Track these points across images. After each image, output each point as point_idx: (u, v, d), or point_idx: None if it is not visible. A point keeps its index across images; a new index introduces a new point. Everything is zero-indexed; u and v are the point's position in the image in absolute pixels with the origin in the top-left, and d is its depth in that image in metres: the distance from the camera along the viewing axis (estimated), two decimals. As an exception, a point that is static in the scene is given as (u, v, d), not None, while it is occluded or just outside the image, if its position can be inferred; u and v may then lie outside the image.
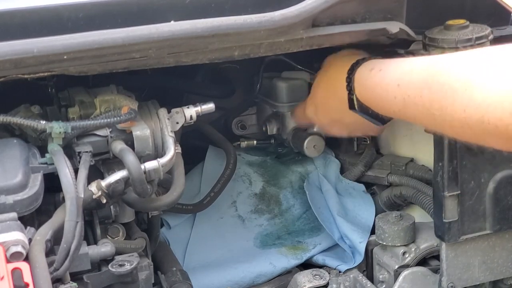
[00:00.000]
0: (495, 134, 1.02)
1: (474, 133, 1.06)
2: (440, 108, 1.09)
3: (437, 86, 1.10)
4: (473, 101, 1.03)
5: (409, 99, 1.16)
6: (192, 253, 1.69)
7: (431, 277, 1.51)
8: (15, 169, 1.16)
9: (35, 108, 1.35)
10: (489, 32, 1.37)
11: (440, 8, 1.45)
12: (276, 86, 1.74)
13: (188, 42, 1.19)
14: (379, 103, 1.30)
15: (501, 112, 1.00)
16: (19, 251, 1.06)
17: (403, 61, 1.24)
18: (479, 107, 1.02)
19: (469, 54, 1.11)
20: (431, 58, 1.18)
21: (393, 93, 1.21)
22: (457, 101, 1.06)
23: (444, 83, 1.08)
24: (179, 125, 1.38)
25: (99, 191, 1.22)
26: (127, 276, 1.24)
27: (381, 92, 1.26)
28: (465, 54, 1.12)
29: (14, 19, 1.16)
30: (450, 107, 1.07)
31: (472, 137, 1.08)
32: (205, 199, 1.70)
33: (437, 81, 1.10)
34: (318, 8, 1.25)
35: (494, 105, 1.00)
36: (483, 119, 1.02)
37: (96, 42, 1.13)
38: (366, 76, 1.32)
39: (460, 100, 1.05)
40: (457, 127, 1.08)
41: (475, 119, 1.03)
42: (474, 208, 1.43)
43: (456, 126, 1.08)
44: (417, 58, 1.22)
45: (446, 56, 1.14)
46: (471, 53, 1.11)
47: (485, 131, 1.03)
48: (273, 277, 1.66)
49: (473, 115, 1.03)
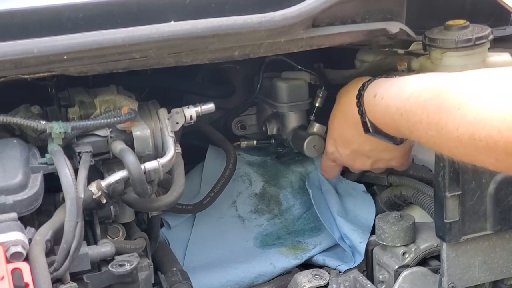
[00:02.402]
0: (485, 152, 1.05)
1: (467, 151, 1.09)
2: (437, 130, 1.13)
3: (433, 108, 1.13)
4: (465, 119, 1.07)
5: (413, 126, 1.21)
6: (192, 253, 1.69)
7: (431, 277, 1.51)
8: (15, 169, 1.16)
9: (35, 108, 1.35)
10: (489, 32, 1.37)
11: (440, 8, 1.45)
12: (276, 86, 1.74)
13: (189, 42, 1.19)
14: (390, 130, 1.34)
15: (490, 129, 1.02)
16: (19, 251, 1.06)
17: (402, 86, 1.27)
18: (470, 125, 1.06)
19: (462, 76, 1.14)
20: (426, 80, 1.21)
21: (398, 121, 1.25)
22: (450, 120, 1.10)
23: (440, 105, 1.12)
24: (179, 125, 1.38)
25: (99, 191, 1.22)
26: (127, 276, 1.24)
27: (388, 120, 1.30)
28: (458, 75, 1.15)
29: (14, 19, 1.16)
30: (445, 127, 1.11)
31: (465, 156, 1.12)
32: (205, 199, 1.69)
33: (433, 104, 1.14)
34: (318, 8, 1.25)
35: (484, 122, 1.03)
36: (474, 136, 1.05)
37: (96, 42, 1.13)
38: (372, 102, 1.35)
39: (453, 119, 1.09)
40: (452, 146, 1.11)
41: (467, 136, 1.06)
42: (475, 208, 1.43)
43: (451, 146, 1.11)
44: (415, 80, 1.25)
45: (441, 78, 1.18)
46: (463, 74, 1.15)
47: (477, 148, 1.06)
48: (273, 277, 1.66)
49: (465, 132, 1.07)
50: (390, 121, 1.29)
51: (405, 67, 1.47)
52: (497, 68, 1.11)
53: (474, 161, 1.15)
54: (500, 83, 1.06)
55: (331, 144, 1.58)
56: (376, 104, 1.34)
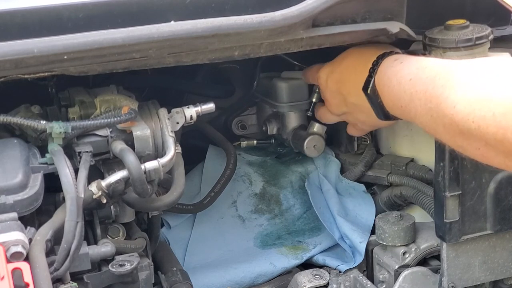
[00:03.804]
0: (476, 134, 1.07)
1: (459, 130, 1.10)
2: (436, 103, 1.15)
3: (441, 82, 1.15)
4: (464, 97, 1.09)
5: (416, 94, 1.22)
6: (192, 253, 1.69)
7: (431, 277, 1.51)
8: (15, 169, 1.16)
9: (35, 108, 1.35)
10: (489, 32, 1.37)
11: (440, 8, 1.45)
12: (276, 86, 1.74)
13: (189, 42, 1.19)
14: (390, 94, 1.34)
15: (486, 111, 1.04)
16: (19, 251, 1.06)
17: (422, 59, 1.29)
18: (468, 103, 1.08)
19: (474, 62, 1.17)
20: (444, 60, 1.23)
21: (404, 86, 1.26)
22: (451, 95, 1.11)
23: (446, 82, 1.14)
24: (179, 125, 1.38)
25: (99, 191, 1.22)
26: (127, 276, 1.24)
27: (395, 83, 1.30)
28: (471, 61, 1.17)
29: (14, 19, 1.16)
30: (444, 102, 1.13)
31: (458, 135, 1.12)
32: (205, 199, 1.69)
33: (442, 78, 1.16)
34: (318, 8, 1.25)
35: (482, 103, 1.05)
36: (468, 117, 1.07)
37: (97, 42, 1.13)
38: (389, 65, 1.36)
39: (453, 95, 1.11)
40: (447, 123, 1.13)
41: (462, 115, 1.08)
42: (475, 208, 1.43)
43: (446, 122, 1.13)
44: (435, 59, 1.27)
45: (455, 61, 1.20)
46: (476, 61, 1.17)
47: (469, 129, 1.08)
48: (273, 277, 1.66)
49: (461, 111, 1.08)
50: (396, 85, 1.30)
51: (405, 67, 1.47)
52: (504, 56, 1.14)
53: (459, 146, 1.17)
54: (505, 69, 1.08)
55: (325, 71, 1.56)
56: (391, 67, 1.35)
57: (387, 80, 1.35)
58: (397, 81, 1.30)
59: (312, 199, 1.71)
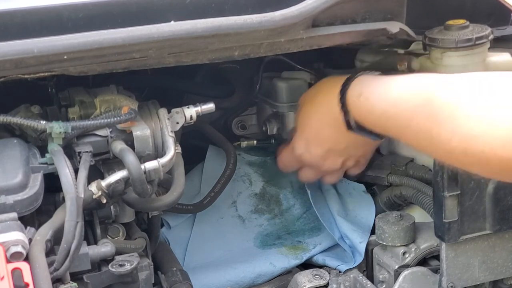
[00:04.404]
0: (478, 165, 1.07)
1: (459, 162, 1.11)
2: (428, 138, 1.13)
3: (424, 115, 1.13)
4: (457, 133, 1.07)
5: (401, 130, 1.21)
6: (192, 253, 1.69)
7: (431, 277, 1.51)
8: (15, 169, 1.16)
9: (35, 108, 1.35)
10: (489, 32, 1.37)
11: (440, 8, 1.45)
12: (276, 86, 1.74)
13: (189, 42, 1.19)
14: (375, 129, 1.33)
15: (483, 145, 1.03)
16: (19, 251, 1.06)
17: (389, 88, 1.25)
18: (463, 139, 1.06)
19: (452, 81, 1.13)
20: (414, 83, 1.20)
21: (385, 123, 1.25)
22: (443, 132, 1.09)
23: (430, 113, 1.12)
24: (179, 125, 1.38)
25: (99, 191, 1.22)
26: (127, 276, 1.24)
27: (375, 121, 1.30)
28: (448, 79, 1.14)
29: (14, 19, 1.16)
30: (436, 137, 1.11)
31: (458, 165, 1.13)
32: (205, 199, 1.69)
33: (423, 111, 1.13)
34: (318, 8, 1.25)
35: (477, 138, 1.04)
36: (466, 151, 1.06)
37: (97, 42, 1.13)
38: (356, 102, 1.35)
39: (445, 131, 1.09)
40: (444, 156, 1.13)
41: (460, 150, 1.07)
42: (474, 208, 1.43)
43: (443, 155, 1.13)
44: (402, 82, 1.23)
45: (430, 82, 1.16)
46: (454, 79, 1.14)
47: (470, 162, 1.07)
48: (273, 277, 1.66)
49: (457, 146, 1.07)
50: (376, 122, 1.29)
51: (405, 67, 1.47)
52: (490, 72, 1.11)
53: (466, 170, 1.16)
54: (494, 91, 1.05)
55: (301, 145, 1.56)
56: (360, 105, 1.33)
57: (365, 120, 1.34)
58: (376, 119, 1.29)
59: (312, 199, 1.71)
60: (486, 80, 1.09)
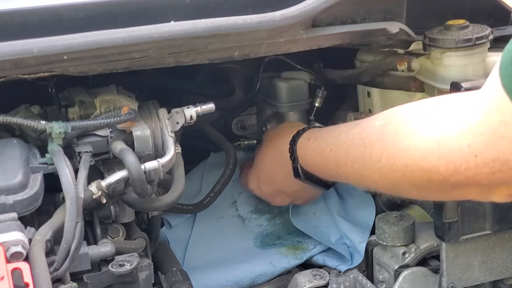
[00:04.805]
0: (405, 181, 1.12)
1: (389, 182, 1.16)
2: (362, 162, 1.20)
3: (359, 142, 1.21)
4: (385, 150, 1.14)
5: (340, 160, 1.27)
6: (192, 252, 1.69)
7: (431, 277, 1.51)
8: (15, 169, 1.16)
9: (35, 108, 1.35)
10: (489, 32, 1.37)
11: (440, 8, 1.45)
12: (276, 86, 1.74)
13: (189, 42, 1.19)
14: (319, 168, 1.41)
15: (406, 159, 1.09)
16: (19, 251, 1.06)
17: (335, 128, 1.36)
18: (390, 156, 1.12)
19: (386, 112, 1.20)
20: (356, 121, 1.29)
21: (327, 157, 1.32)
22: (374, 152, 1.16)
23: (365, 138, 1.19)
24: (179, 125, 1.38)
25: (99, 191, 1.22)
26: (127, 276, 1.24)
27: (319, 158, 1.37)
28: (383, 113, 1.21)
29: (14, 19, 1.16)
30: (369, 160, 1.17)
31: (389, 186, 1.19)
32: (205, 199, 1.69)
33: (359, 138, 1.21)
34: (318, 8, 1.25)
35: (401, 153, 1.10)
36: (393, 167, 1.12)
37: (96, 42, 1.13)
38: (305, 145, 1.43)
39: (375, 151, 1.16)
40: (377, 178, 1.17)
41: (388, 167, 1.13)
42: (474, 208, 1.43)
43: (376, 177, 1.18)
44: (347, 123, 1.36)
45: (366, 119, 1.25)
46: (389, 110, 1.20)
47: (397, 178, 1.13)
48: (273, 277, 1.66)
49: (386, 163, 1.13)
50: (319, 159, 1.37)
51: (405, 67, 1.47)
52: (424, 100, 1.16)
53: (397, 192, 1.26)
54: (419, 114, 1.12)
55: (253, 181, 1.65)
56: (309, 146, 1.41)
57: (310, 160, 1.42)
58: (319, 155, 1.36)
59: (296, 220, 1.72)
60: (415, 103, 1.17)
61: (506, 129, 0.95)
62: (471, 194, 1.11)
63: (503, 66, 0.94)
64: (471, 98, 1.02)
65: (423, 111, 1.12)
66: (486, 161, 0.99)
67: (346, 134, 1.26)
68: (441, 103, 1.10)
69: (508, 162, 0.97)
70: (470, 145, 1.00)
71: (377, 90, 1.63)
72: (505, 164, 0.97)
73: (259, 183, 1.64)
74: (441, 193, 1.14)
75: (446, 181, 1.06)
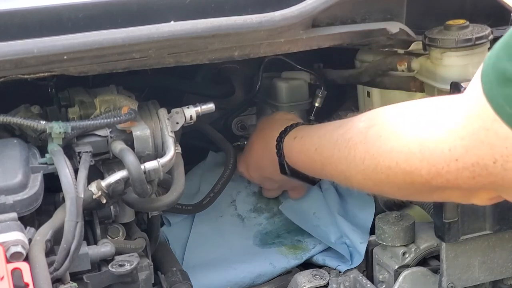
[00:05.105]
0: (388, 182, 1.14)
1: (373, 183, 1.18)
2: (346, 163, 1.22)
3: (344, 143, 1.22)
4: (368, 153, 1.15)
5: (325, 160, 1.29)
6: (192, 251, 1.69)
7: (431, 277, 1.51)
8: (15, 169, 1.16)
9: (35, 108, 1.35)
10: (489, 32, 1.37)
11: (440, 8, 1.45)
12: (276, 86, 1.74)
13: (189, 42, 1.19)
14: (305, 167, 1.43)
15: (389, 161, 1.11)
16: (19, 251, 1.06)
17: (320, 127, 1.39)
18: (373, 158, 1.14)
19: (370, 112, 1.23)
20: (341, 121, 1.30)
21: (313, 157, 1.34)
22: (358, 154, 1.18)
23: (349, 140, 1.21)
24: (179, 125, 1.38)
25: (99, 191, 1.22)
26: (127, 276, 1.24)
27: (304, 157, 1.39)
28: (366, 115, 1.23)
29: (14, 19, 1.16)
30: (352, 161, 1.20)
31: (373, 187, 1.20)
32: (205, 199, 1.69)
33: (344, 139, 1.23)
34: (318, 8, 1.25)
35: (385, 155, 1.12)
36: (376, 169, 1.14)
37: (96, 42, 1.13)
38: (291, 144, 1.45)
39: (359, 153, 1.18)
40: (361, 179, 1.19)
41: (371, 169, 1.15)
42: (474, 208, 1.43)
43: (360, 178, 1.20)
44: (332, 122, 1.35)
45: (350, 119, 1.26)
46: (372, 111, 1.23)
47: (380, 180, 1.15)
48: (273, 277, 1.66)
49: (369, 165, 1.15)
50: (305, 158, 1.38)
51: (405, 67, 1.47)
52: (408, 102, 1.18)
53: (380, 192, 1.28)
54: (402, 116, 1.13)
55: (243, 165, 1.68)
56: (295, 145, 1.43)
57: (296, 158, 1.44)
58: (304, 155, 1.39)
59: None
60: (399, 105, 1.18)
61: (486, 134, 0.96)
62: (453, 196, 1.13)
63: (484, 73, 0.95)
64: (454, 102, 1.03)
65: (407, 114, 1.13)
66: (467, 165, 1.00)
67: (331, 134, 1.28)
68: (425, 106, 1.11)
69: (488, 167, 0.98)
70: (451, 149, 1.01)
71: (377, 90, 1.63)
72: (484, 169, 0.98)
73: (248, 168, 1.67)
74: (423, 194, 1.16)
75: (428, 184, 1.07)
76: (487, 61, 0.96)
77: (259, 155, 1.60)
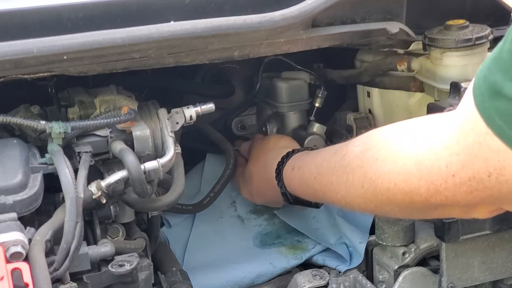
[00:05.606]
0: (388, 203, 1.15)
1: (374, 205, 1.18)
2: (345, 189, 1.22)
3: (341, 169, 1.23)
4: (366, 177, 1.16)
5: (325, 188, 1.30)
6: (192, 252, 1.69)
7: (431, 277, 1.51)
8: (15, 169, 1.16)
9: (35, 108, 1.35)
10: (489, 32, 1.37)
11: (440, 8, 1.45)
12: (276, 86, 1.74)
13: (188, 42, 1.19)
14: (306, 195, 1.44)
15: (388, 183, 1.11)
16: (19, 251, 1.06)
17: (316, 155, 1.39)
18: (371, 181, 1.15)
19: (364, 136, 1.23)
20: (336, 146, 1.31)
21: (313, 185, 1.35)
22: (356, 179, 1.19)
23: (346, 166, 1.22)
24: (179, 125, 1.38)
25: (99, 191, 1.22)
26: (127, 276, 1.24)
27: (304, 186, 1.40)
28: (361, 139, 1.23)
29: (14, 19, 1.16)
30: (351, 187, 1.20)
31: (374, 208, 1.21)
32: (205, 199, 1.69)
33: (341, 166, 1.23)
34: (318, 8, 1.25)
35: (383, 178, 1.12)
36: (376, 192, 1.14)
37: (96, 42, 1.13)
38: (290, 175, 1.47)
39: (357, 178, 1.18)
40: (361, 202, 1.20)
41: (371, 192, 1.16)
42: (474, 208, 1.43)
43: (360, 202, 1.20)
44: (327, 149, 1.36)
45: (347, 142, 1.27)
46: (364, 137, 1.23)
47: (381, 201, 1.15)
48: (273, 277, 1.66)
49: (369, 189, 1.16)
50: (306, 187, 1.39)
51: (405, 67, 1.47)
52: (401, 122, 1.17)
53: (382, 213, 1.30)
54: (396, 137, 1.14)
55: (246, 194, 1.71)
56: (294, 176, 1.45)
57: (297, 188, 1.45)
58: (304, 184, 1.39)
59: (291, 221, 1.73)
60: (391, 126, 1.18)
61: (480, 148, 0.95)
62: (454, 213, 1.13)
63: (476, 86, 0.95)
64: (447, 118, 1.04)
65: (400, 134, 1.13)
66: (463, 180, 1.00)
67: (328, 162, 1.29)
68: (417, 125, 1.12)
69: (483, 181, 0.98)
70: (448, 165, 1.01)
71: (377, 90, 1.64)
72: (480, 183, 0.98)
73: (252, 196, 1.70)
74: (425, 213, 1.16)
75: (428, 202, 1.07)
76: (478, 74, 0.95)
77: (261, 186, 1.62)
